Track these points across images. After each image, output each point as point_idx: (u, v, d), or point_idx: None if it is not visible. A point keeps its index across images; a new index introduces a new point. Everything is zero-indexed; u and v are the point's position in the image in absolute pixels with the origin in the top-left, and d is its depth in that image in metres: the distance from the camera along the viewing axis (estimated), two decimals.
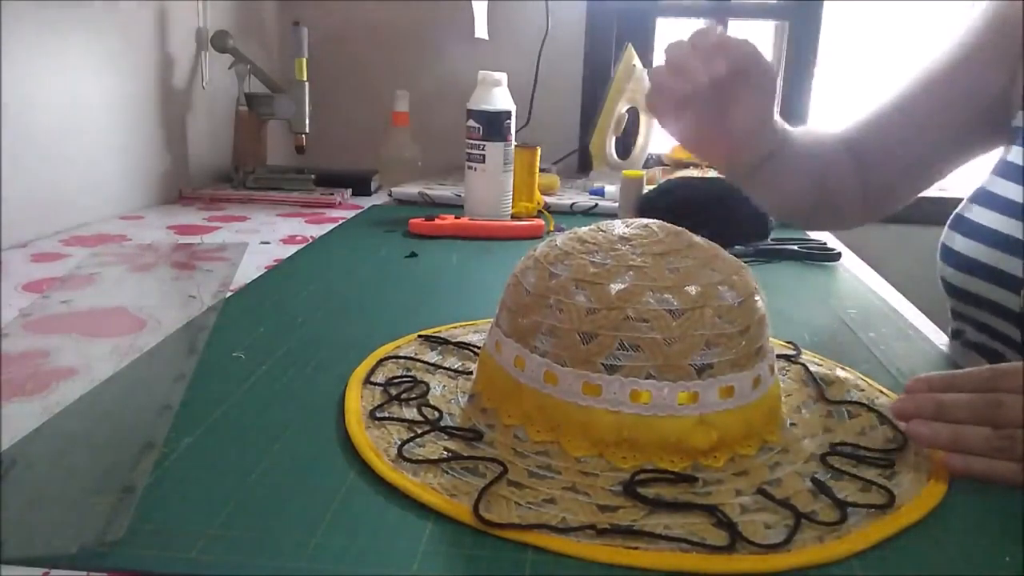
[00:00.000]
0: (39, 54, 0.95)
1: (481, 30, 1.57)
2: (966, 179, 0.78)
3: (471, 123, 1.16)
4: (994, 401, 0.44)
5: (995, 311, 0.64)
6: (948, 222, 0.69)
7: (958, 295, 0.69)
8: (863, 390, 0.55)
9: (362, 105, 1.71)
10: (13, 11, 0.89)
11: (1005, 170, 0.66)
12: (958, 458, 0.43)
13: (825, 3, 1.70)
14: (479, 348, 0.56)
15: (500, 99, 1.16)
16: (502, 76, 1.17)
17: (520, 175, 1.21)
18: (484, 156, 1.17)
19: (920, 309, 0.81)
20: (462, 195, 1.25)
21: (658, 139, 1.54)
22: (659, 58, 0.68)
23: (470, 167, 1.19)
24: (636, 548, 0.37)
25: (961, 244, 0.66)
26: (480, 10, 1.56)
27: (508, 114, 1.16)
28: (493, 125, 1.16)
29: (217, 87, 1.40)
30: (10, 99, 0.90)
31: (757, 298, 0.48)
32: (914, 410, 0.46)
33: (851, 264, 1.01)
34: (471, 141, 1.17)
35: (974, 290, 0.65)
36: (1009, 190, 0.64)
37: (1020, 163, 0.64)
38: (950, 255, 0.68)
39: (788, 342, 0.64)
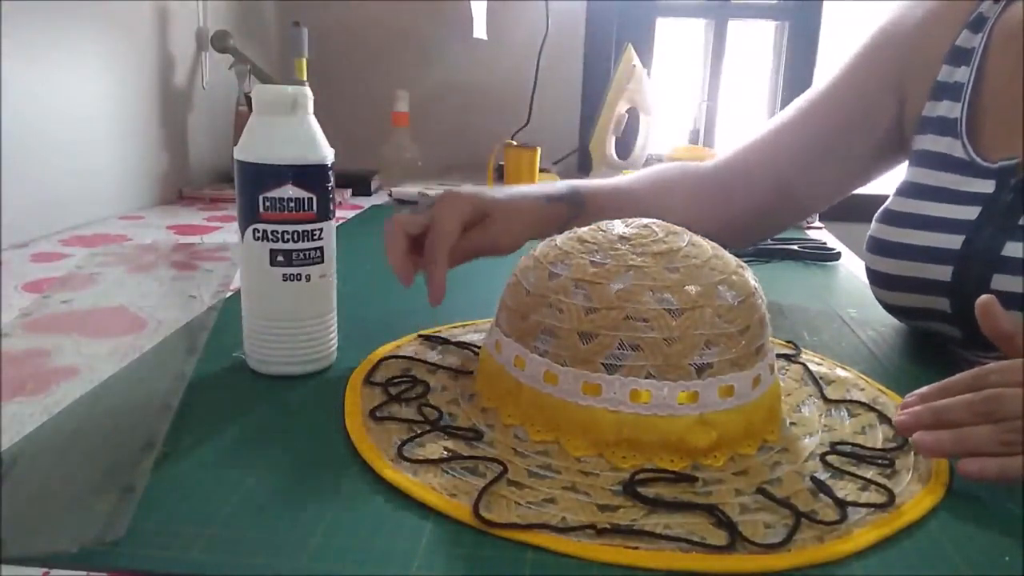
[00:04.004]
0: (39, 54, 0.95)
1: (480, 30, 1.57)
2: None
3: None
4: (992, 397, 0.44)
5: (930, 317, 0.66)
6: (866, 247, 0.71)
7: (895, 311, 0.71)
8: (863, 389, 0.55)
9: (362, 105, 1.71)
10: (13, 11, 0.89)
11: (912, 190, 0.68)
12: (970, 463, 0.43)
13: (825, 3, 1.70)
14: (479, 348, 0.56)
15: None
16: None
17: (520, 175, 1.22)
18: None
19: None
20: None
21: (657, 139, 1.54)
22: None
23: None
24: (636, 548, 0.37)
25: (887, 265, 0.68)
26: (479, 10, 1.56)
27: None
28: None
29: (217, 87, 1.40)
30: (10, 99, 0.90)
31: (757, 298, 0.48)
32: (914, 422, 0.46)
33: (850, 264, 1.02)
34: None
35: (912, 304, 0.67)
36: (916, 207, 0.67)
37: (926, 182, 0.67)
38: (879, 277, 0.70)
39: (788, 341, 0.64)
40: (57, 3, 0.98)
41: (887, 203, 0.70)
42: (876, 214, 0.71)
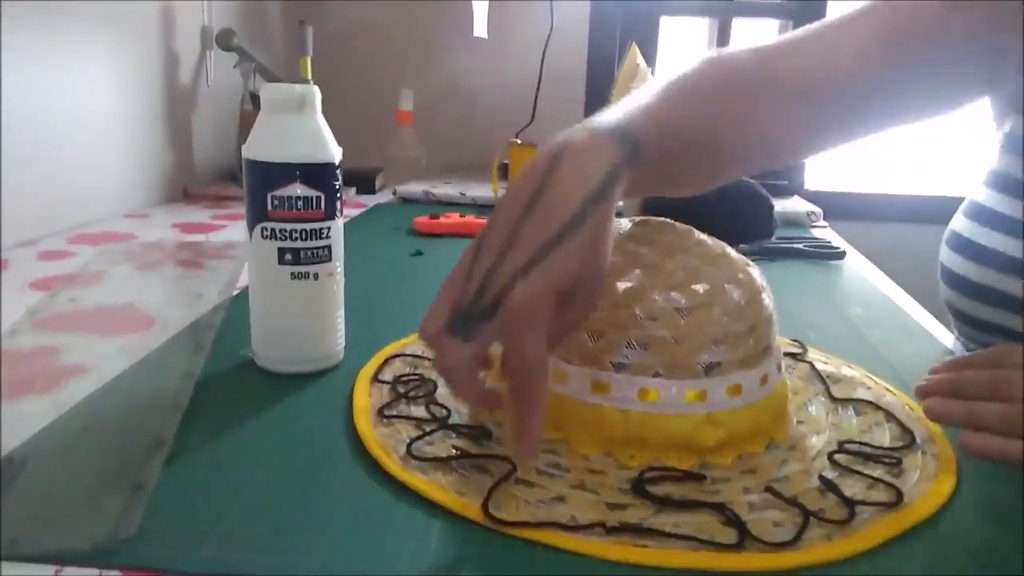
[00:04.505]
0: (44, 53, 0.96)
1: (480, 29, 1.57)
2: (964, 179, 0.71)
3: None
4: (1009, 376, 0.43)
5: (1004, 335, 0.61)
6: (945, 238, 0.64)
7: (963, 319, 0.65)
8: (870, 388, 0.55)
9: (367, 104, 1.71)
10: (18, 9, 0.89)
11: (1003, 184, 0.60)
12: (974, 436, 0.42)
13: (829, 2, 1.70)
14: None
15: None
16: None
17: None
18: None
19: (924, 307, 0.81)
20: (466, 194, 1.25)
21: None
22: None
23: None
24: (645, 546, 0.37)
25: (962, 266, 0.62)
26: (480, 9, 1.56)
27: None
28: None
29: (222, 85, 1.40)
30: (16, 97, 0.90)
31: (764, 296, 0.48)
32: (932, 389, 0.46)
33: (856, 262, 1.02)
34: None
35: (983, 316, 0.62)
36: (1006, 205, 0.59)
37: (1020, 176, 0.60)
38: (952, 278, 0.63)
39: (794, 340, 0.64)
40: (62, 2, 0.98)
41: (974, 194, 0.63)
42: (962, 205, 0.64)
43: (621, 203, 1.20)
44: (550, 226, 0.38)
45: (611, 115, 0.45)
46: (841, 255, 1.02)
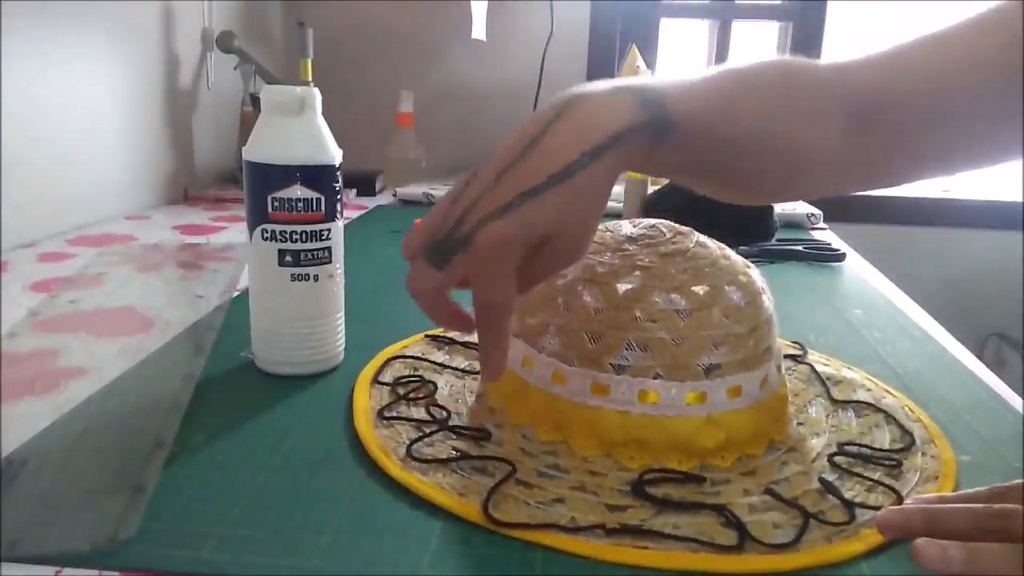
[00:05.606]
0: (44, 54, 0.96)
1: (479, 31, 1.57)
2: (972, 179, 0.70)
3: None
4: (1006, 512, 0.35)
5: None
6: None
7: None
8: (869, 390, 0.56)
9: (367, 106, 1.71)
10: (18, 10, 0.90)
11: None
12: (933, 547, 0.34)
13: (828, 4, 1.70)
14: None
15: None
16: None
17: None
18: None
19: (923, 308, 0.81)
20: None
21: None
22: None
23: None
24: (645, 548, 0.37)
25: None
26: (479, 11, 1.56)
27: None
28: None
29: (222, 87, 1.40)
30: (16, 99, 0.90)
31: (764, 298, 0.48)
32: (902, 522, 0.38)
33: (855, 264, 1.02)
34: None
35: None
36: None
37: None
38: None
39: (794, 342, 0.64)
40: (63, 3, 0.98)
41: None
42: None
43: (620, 204, 1.18)
44: (536, 174, 0.37)
45: (644, 81, 0.42)
46: (841, 257, 1.02)
